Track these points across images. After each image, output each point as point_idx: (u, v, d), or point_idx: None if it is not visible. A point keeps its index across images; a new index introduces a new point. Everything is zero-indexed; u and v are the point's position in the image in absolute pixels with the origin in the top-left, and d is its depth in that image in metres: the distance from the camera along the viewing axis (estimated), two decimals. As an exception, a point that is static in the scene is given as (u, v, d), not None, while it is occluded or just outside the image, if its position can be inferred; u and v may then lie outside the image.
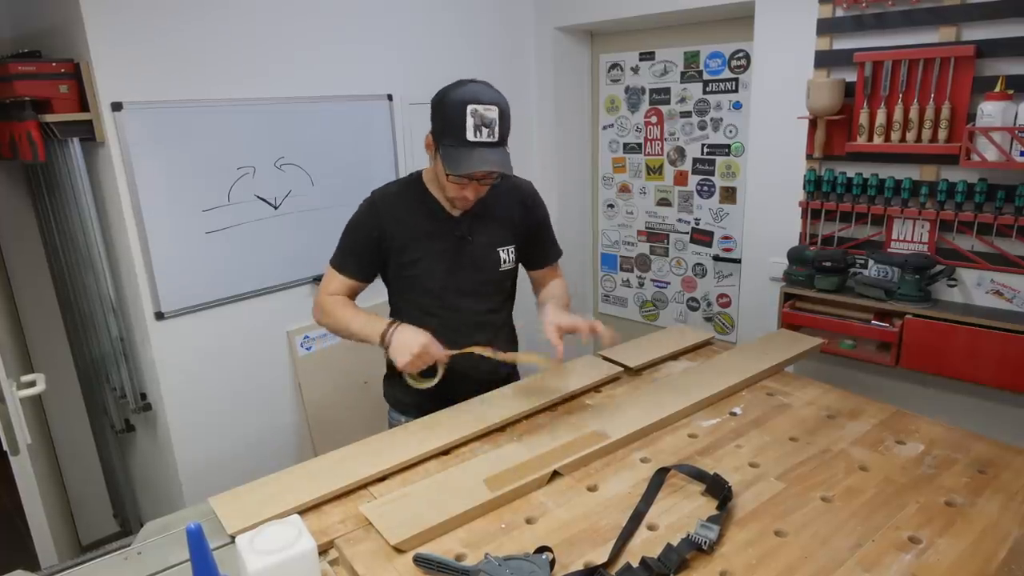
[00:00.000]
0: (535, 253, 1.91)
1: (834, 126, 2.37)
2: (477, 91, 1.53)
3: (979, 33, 2.08)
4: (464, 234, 1.73)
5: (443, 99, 1.55)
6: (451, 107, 1.52)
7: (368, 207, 1.74)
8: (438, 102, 1.57)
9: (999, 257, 2.17)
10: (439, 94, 1.58)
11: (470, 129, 1.50)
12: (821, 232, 2.51)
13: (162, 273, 2.33)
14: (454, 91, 1.54)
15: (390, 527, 1.20)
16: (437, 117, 1.58)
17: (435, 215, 1.73)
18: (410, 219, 1.72)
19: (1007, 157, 1.98)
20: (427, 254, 1.72)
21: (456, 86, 1.56)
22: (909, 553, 1.15)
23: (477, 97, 1.51)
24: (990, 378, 2.13)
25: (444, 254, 1.73)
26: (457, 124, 1.51)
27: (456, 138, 1.53)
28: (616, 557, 1.14)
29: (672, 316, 3.47)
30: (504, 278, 1.83)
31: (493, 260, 1.78)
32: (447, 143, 1.55)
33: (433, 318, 1.73)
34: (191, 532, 0.96)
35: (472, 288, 1.77)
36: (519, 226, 1.82)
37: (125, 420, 2.68)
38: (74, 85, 2.14)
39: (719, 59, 2.98)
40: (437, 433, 1.56)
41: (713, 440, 1.54)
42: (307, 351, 2.74)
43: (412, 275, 1.74)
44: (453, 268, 1.74)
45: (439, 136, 1.58)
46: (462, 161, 1.53)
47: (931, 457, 1.44)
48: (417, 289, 1.76)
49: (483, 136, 1.52)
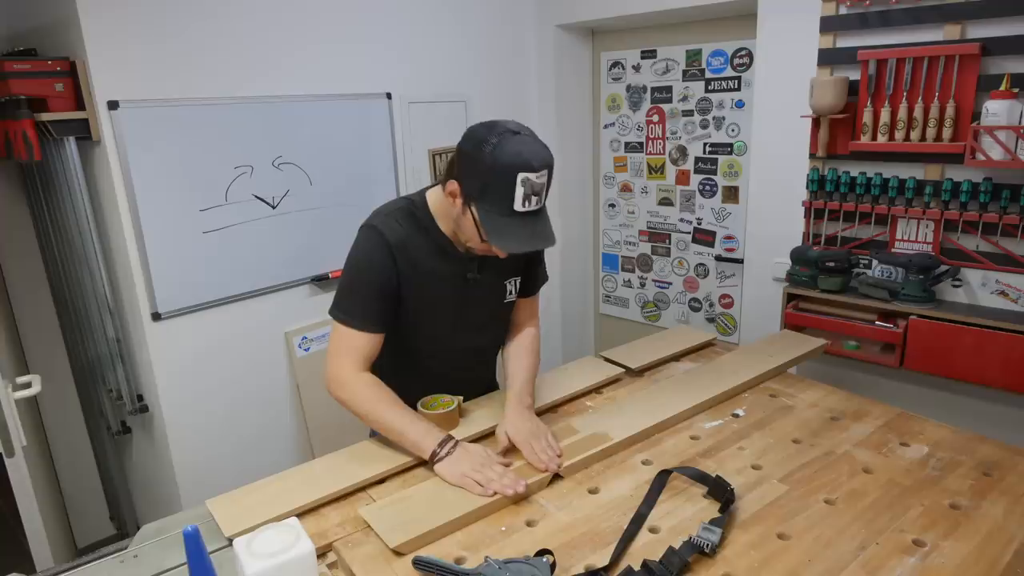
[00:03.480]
0: (526, 279, 1.71)
1: (838, 125, 2.36)
2: (529, 154, 1.30)
3: (984, 31, 2.06)
4: (474, 275, 1.57)
5: (485, 157, 1.31)
6: (499, 172, 1.30)
7: (378, 241, 1.46)
8: (477, 158, 1.32)
9: (1004, 257, 2.15)
10: (476, 144, 1.33)
11: (519, 200, 1.31)
12: (824, 232, 2.50)
13: (159, 273, 2.32)
14: (500, 150, 1.30)
15: (389, 530, 1.20)
16: (475, 174, 1.34)
17: (446, 255, 1.52)
18: (423, 260, 1.50)
19: (1012, 156, 1.97)
20: (440, 297, 1.55)
21: (502, 141, 1.31)
22: (913, 556, 1.14)
23: (530, 163, 1.29)
24: (995, 379, 2.12)
25: (455, 296, 1.57)
26: (503, 192, 1.31)
27: (500, 206, 1.33)
28: (617, 560, 1.14)
29: (674, 317, 3.45)
30: (508, 308, 1.70)
31: (499, 294, 1.64)
32: (487, 207, 1.34)
33: (434, 358, 1.64)
34: (188, 535, 0.96)
35: (477, 325, 1.65)
36: (522, 257, 1.64)
37: (121, 422, 2.67)
38: (70, 83, 2.12)
39: (721, 57, 2.96)
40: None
41: (715, 442, 1.53)
42: (305, 352, 2.73)
43: (420, 318, 1.56)
44: (462, 308, 1.59)
45: (476, 196, 1.35)
46: (508, 234, 1.35)
47: (936, 459, 1.43)
48: (422, 331, 1.59)
49: (531, 205, 1.33)
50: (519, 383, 1.60)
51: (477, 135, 1.34)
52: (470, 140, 1.35)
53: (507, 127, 1.35)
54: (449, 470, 1.36)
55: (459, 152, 1.38)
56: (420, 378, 1.62)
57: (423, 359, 1.63)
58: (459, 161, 1.38)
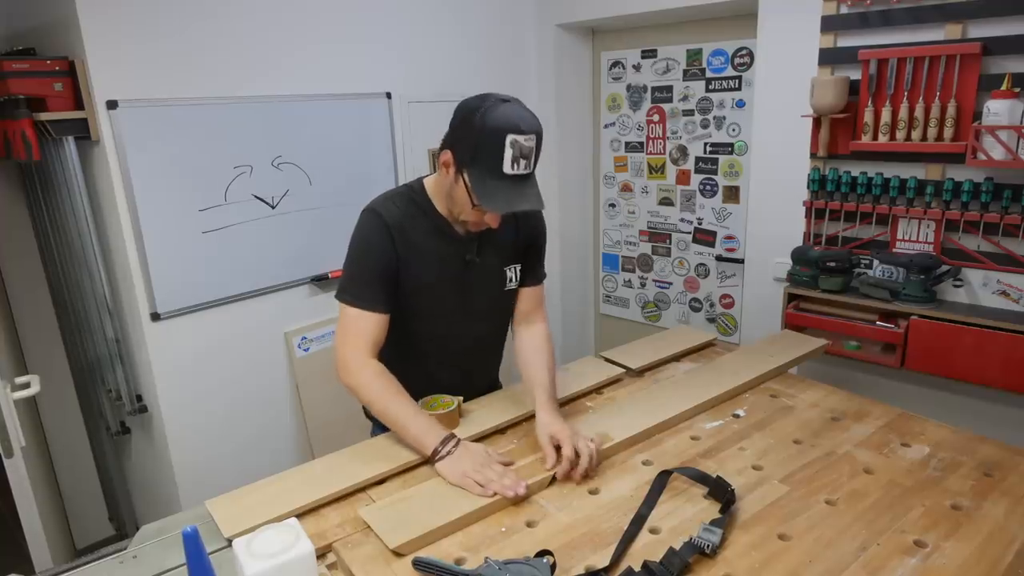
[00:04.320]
0: (525, 270, 1.72)
1: (838, 124, 2.35)
2: (517, 118, 1.35)
3: (985, 30, 2.06)
4: (473, 257, 1.59)
5: (476, 121, 1.35)
6: (488, 134, 1.34)
7: (377, 225, 1.51)
8: (468, 123, 1.37)
9: (1005, 257, 2.15)
10: (468, 112, 1.38)
11: (507, 161, 1.35)
12: (825, 232, 2.50)
13: (158, 273, 2.32)
14: (491, 115, 1.35)
15: (389, 530, 1.19)
16: (466, 140, 1.38)
17: (445, 236, 1.55)
18: (421, 241, 1.53)
19: (1013, 156, 1.97)
20: (439, 279, 1.57)
21: (491, 107, 1.36)
22: (915, 557, 1.14)
23: (518, 125, 1.34)
24: (996, 380, 2.12)
25: (455, 279, 1.59)
26: (493, 154, 1.35)
27: (490, 169, 1.36)
28: (618, 561, 1.13)
29: (674, 317, 3.45)
30: (509, 297, 1.71)
31: (499, 280, 1.65)
32: (478, 172, 1.38)
33: (434, 343, 1.65)
34: (187, 535, 0.96)
35: (478, 311, 1.66)
36: (521, 242, 1.67)
37: (120, 422, 2.66)
38: (69, 83, 2.12)
39: (722, 57, 2.96)
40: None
41: (716, 442, 1.52)
42: (305, 352, 2.72)
43: (420, 301, 1.58)
44: (462, 292, 1.61)
45: (467, 161, 1.39)
46: (498, 197, 1.38)
47: (937, 460, 1.43)
48: (422, 315, 1.60)
49: (520, 168, 1.37)
50: (547, 385, 1.59)
51: (469, 104, 1.40)
52: (462, 109, 1.41)
53: (497, 96, 1.39)
54: (450, 469, 1.36)
55: (452, 122, 1.43)
56: (421, 368, 1.63)
57: (423, 344, 1.64)
58: (451, 130, 1.43)
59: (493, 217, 1.46)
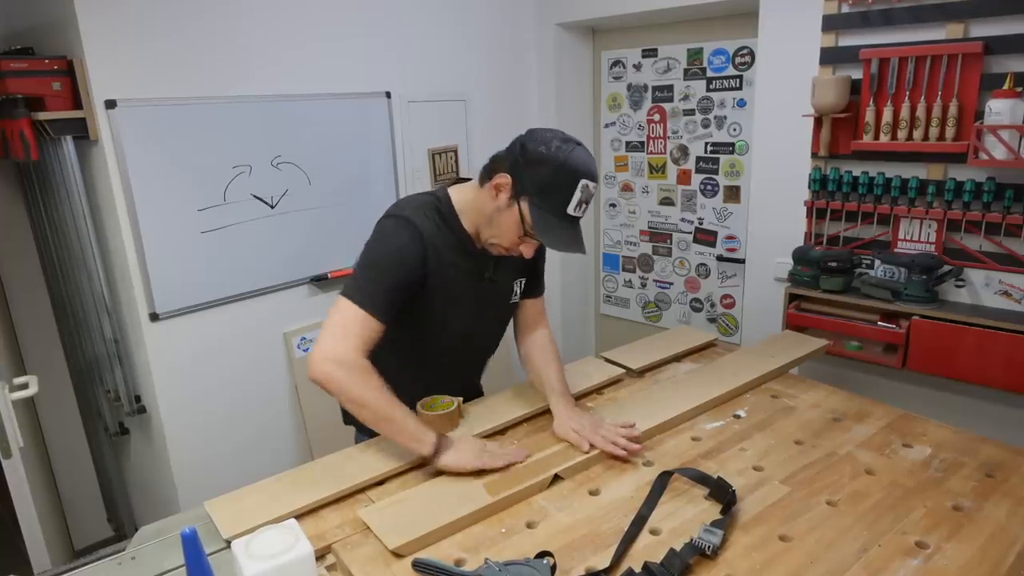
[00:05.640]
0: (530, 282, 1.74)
1: (840, 124, 2.35)
2: (592, 165, 1.42)
3: (987, 30, 2.06)
4: (491, 274, 1.60)
5: (554, 159, 1.38)
6: (564, 174, 1.38)
7: (413, 233, 1.47)
8: (544, 158, 1.39)
9: (1007, 257, 2.14)
10: (542, 144, 1.40)
11: (574, 204, 1.39)
12: (827, 232, 2.49)
13: (157, 273, 2.31)
14: (571, 155, 1.39)
15: (388, 531, 1.19)
16: (538, 172, 1.39)
17: (466, 252, 1.55)
18: (446, 254, 1.52)
19: (1015, 155, 1.97)
20: (461, 295, 1.57)
21: (570, 147, 1.40)
22: (916, 558, 1.13)
23: (592, 173, 1.40)
24: (998, 380, 2.11)
25: (473, 294, 1.60)
26: (563, 193, 1.39)
27: (555, 206, 1.40)
28: (618, 562, 1.13)
29: (675, 317, 3.44)
30: (513, 309, 1.74)
31: (508, 295, 1.68)
32: (544, 206, 1.40)
33: (445, 356, 1.65)
34: (186, 537, 0.96)
35: (490, 324, 1.72)
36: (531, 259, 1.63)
37: (119, 423, 2.65)
38: (67, 82, 2.11)
39: (723, 56, 2.96)
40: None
41: (717, 443, 1.52)
42: (304, 352, 2.72)
43: (440, 315, 1.57)
44: (477, 307, 1.62)
45: (533, 193, 1.40)
46: (560, 236, 1.42)
47: (938, 460, 1.43)
48: (436, 328, 1.60)
49: (580, 212, 1.42)
50: (559, 383, 1.64)
51: (543, 136, 1.41)
52: (535, 140, 1.41)
53: (569, 136, 1.43)
54: (456, 459, 1.39)
55: (521, 148, 1.42)
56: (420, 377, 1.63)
57: (430, 354, 1.64)
58: (518, 155, 1.42)
59: (529, 248, 1.49)
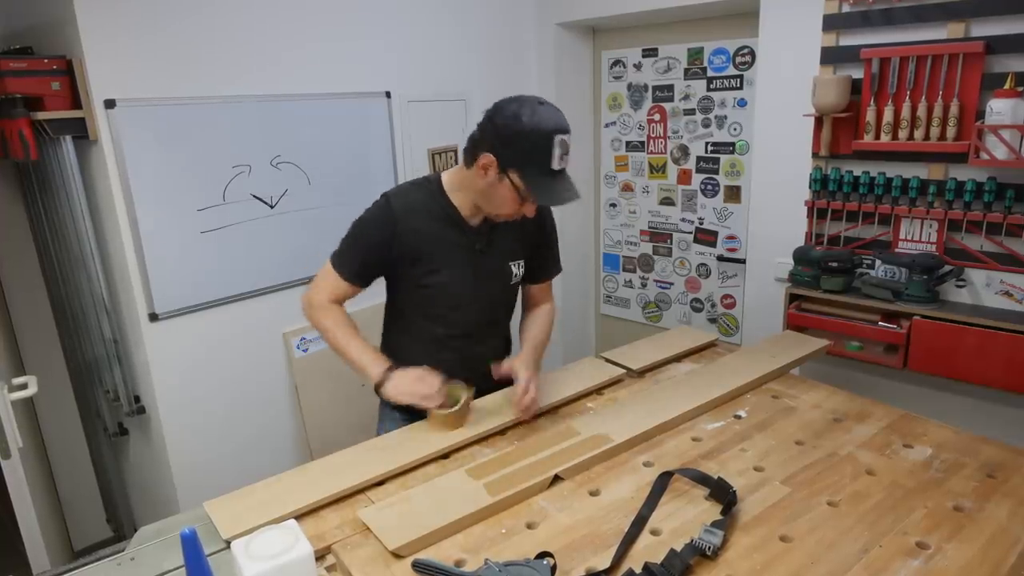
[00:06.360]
0: (535, 266, 1.86)
1: (840, 124, 2.35)
2: (559, 118, 1.50)
3: (988, 29, 2.05)
4: (483, 247, 1.71)
5: (523, 127, 1.47)
6: (537, 136, 1.47)
7: (383, 208, 1.66)
8: (516, 128, 1.47)
9: (1008, 257, 2.14)
10: (511, 117, 1.48)
11: (556, 159, 1.48)
12: (827, 232, 2.49)
13: (156, 274, 2.31)
14: (534, 118, 1.47)
15: (388, 532, 1.19)
16: (516, 142, 1.48)
17: (457, 225, 1.68)
18: (431, 228, 1.66)
19: (1016, 155, 1.96)
20: (451, 265, 1.68)
21: (531, 111, 1.48)
22: (917, 559, 1.13)
23: (561, 126, 1.49)
24: (999, 380, 2.11)
25: (466, 266, 1.70)
26: (544, 153, 1.48)
27: (540, 167, 1.49)
28: (618, 563, 1.13)
29: (675, 317, 3.44)
30: (514, 291, 1.83)
31: (505, 273, 1.76)
32: (531, 171, 1.50)
33: (444, 328, 1.74)
34: (186, 537, 0.96)
35: (487, 300, 1.77)
36: (529, 237, 1.79)
37: (118, 423, 2.65)
38: (66, 82, 2.11)
39: (723, 56, 2.95)
40: (436, 436, 1.55)
41: (717, 443, 1.52)
42: (303, 353, 2.72)
43: (432, 286, 1.69)
44: (473, 280, 1.71)
45: (517, 163, 1.50)
46: (552, 191, 1.52)
47: (939, 461, 1.43)
48: (435, 301, 1.72)
49: (564, 163, 1.51)
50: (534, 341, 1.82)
51: (509, 109, 1.50)
52: (503, 114, 1.50)
53: (533, 98, 1.51)
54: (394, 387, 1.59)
55: (492, 126, 1.51)
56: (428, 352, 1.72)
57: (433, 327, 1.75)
58: (492, 134, 1.51)
59: (531, 208, 1.60)
